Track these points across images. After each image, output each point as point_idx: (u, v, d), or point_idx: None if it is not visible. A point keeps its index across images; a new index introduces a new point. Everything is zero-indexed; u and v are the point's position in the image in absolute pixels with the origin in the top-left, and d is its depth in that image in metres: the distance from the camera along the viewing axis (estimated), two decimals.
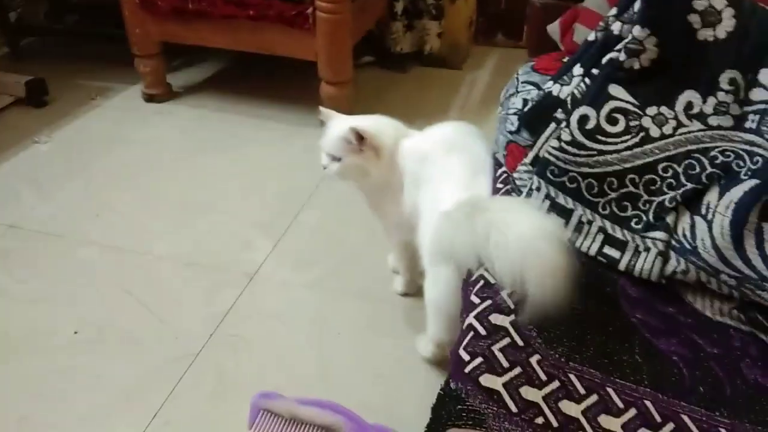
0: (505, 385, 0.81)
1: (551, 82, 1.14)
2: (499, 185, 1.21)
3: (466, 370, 0.83)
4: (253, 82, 2.75)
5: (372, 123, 1.38)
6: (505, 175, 1.21)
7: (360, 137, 1.31)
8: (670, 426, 0.80)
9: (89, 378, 1.41)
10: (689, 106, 1.04)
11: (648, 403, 0.82)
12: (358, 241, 1.83)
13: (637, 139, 1.03)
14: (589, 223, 1.05)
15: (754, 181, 0.95)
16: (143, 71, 2.57)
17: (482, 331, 0.88)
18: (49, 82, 2.58)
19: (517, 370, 0.83)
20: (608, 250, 1.03)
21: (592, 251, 1.04)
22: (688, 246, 0.98)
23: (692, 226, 0.99)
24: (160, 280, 1.69)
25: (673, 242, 1.00)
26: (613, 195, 1.05)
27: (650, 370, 0.87)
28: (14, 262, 1.75)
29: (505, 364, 0.84)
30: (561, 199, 1.07)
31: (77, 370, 1.43)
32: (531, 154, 1.11)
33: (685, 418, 0.81)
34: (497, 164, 1.27)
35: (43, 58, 2.93)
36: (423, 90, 2.79)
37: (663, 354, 0.90)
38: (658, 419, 0.81)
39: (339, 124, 1.38)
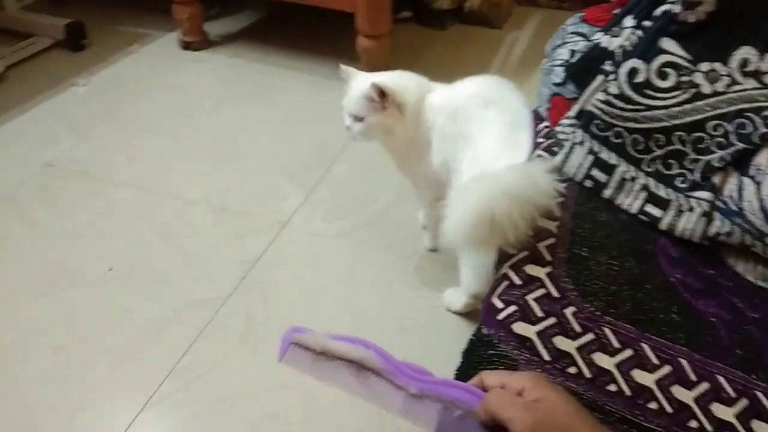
0: (538, 333, 0.80)
1: (601, 33, 1.11)
2: (540, 139, 1.18)
3: (499, 317, 0.83)
4: (289, 34, 2.72)
5: (394, 78, 1.34)
6: (547, 129, 1.18)
7: (382, 94, 1.27)
8: (705, 385, 0.79)
9: (121, 313, 1.44)
10: (744, 62, 0.99)
11: (683, 362, 0.81)
12: (389, 195, 1.82)
13: (687, 96, 1.00)
14: (632, 180, 1.03)
15: None
16: (180, 18, 2.56)
17: (517, 281, 0.87)
18: (88, 26, 2.59)
19: (552, 320, 0.82)
20: (650, 208, 1.01)
21: (634, 209, 1.02)
22: (734, 207, 0.95)
23: (740, 188, 0.96)
24: (192, 224, 1.71)
25: (719, 203, 0.97)
26: (659, 152, 1.02)
27: (687, 329, 0.86)
28: (50, 199, 1.78)
29: (539, 313, 0.83)
30: (604, 155, 1.05)
31: (110, 305, 1.46)
32: (576, 107, 1.08)
33: (721, 379, 0.80)
34: (539, 118, 1.24)
35: (83, 3, 2.93)
36: (461, 48, 2.73)
37: (701, 314, 0.89)
38: (693, 378, 0.80)
39: (360, 82, 1.33)
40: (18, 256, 1.59)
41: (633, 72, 1.02)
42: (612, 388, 0.76)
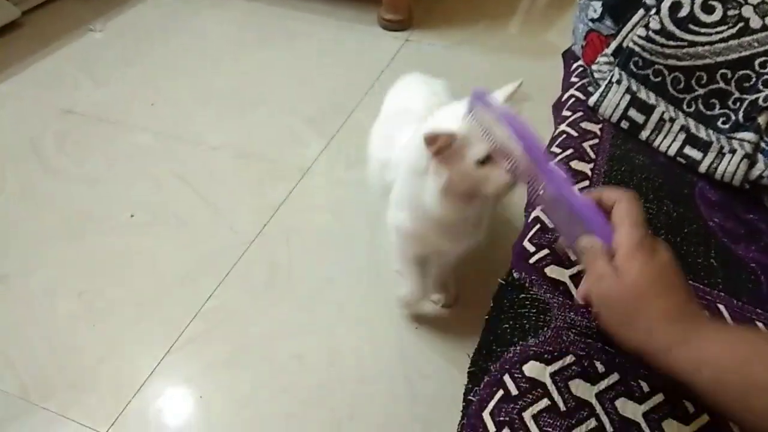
0: (572, 277, 0.78)
1: None
2: (575, 79, 1.14)
3: (531, 261, 0.80)
4: None
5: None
6: (581, 68, 1.14)
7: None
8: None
9: (145, 259, 1.45)
10: None
11: (721, 307, 0.79)
12: None
13: (734, 30, 0.95)
14: (672, 120, 0.99)
15: None
16: None
17: (550, 224, 0.85)
18: None
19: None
20: (689, 150, 0.97)
21: (672, 151, 0.98)
22: None
23: None
24: (214, 170, 1.70)
25: (763, 144, 0.93)
26: (701, 91, 0.97)
27: (726, 275, 0.83)
28: (71, 145, 1.78)
29: (573, 257, 0.80)
30: (643, 94, 1.00)
31: (133, 251, 1.47)
32: (614, 44, 1.03)
33: (760, 325, 0.78)
34: (573, 57, 1.19)
35: None
36: None
37: (741, 260, 0.86)
38: (731, 323, 0.77)
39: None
40: (41, 203, 1.59)
41: (676, 5, 0.97)
42: None
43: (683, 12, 0.97)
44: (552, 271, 0.79)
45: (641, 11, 1.00)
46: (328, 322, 1.33)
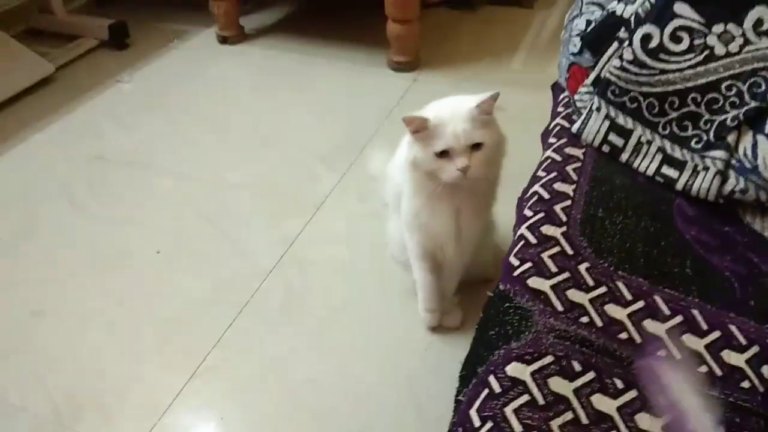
0: (552, 287, 0.85)
1: (615, 2, 1.14)
2: (560, 109, 1.22)
3: (515, 274, 0.87)
4: (321, 24, 2.80)
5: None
6: (566, 99, 1.22)
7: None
8: (716, 334, 0.82)
9: (169, 291, 1.54)
10: (759, 22, 1.01)
11: (695, 312, 0.84)
12: None
13: (700, 58, 1.02)
14: (649, 143, 1.06)
15: None
16: (217, 14, 2.66)
17: (533, 240, 0.92)
18: (130, 25, 2.72)
19: (565, 275, 0.87)
20: (666, 170, 1.04)
21: (650, 171, 1.05)
22: (748, 165, 0.98)
23: (754, 145, 0.98)
24: (233, 207, 1.80)
25: (733, 161, 1.00)
26: (674, 114, 1.04)
27: (701, 283, 0.89)
28: (100, 189, 1.90)
29: (554, 269, 0.87)
30: (621, 120, 1.08)
31: (159, 283, 1.56)
32: (593, 75, 1.12)
33: (733, 328, 0.83)
34: (559, 90, 1.27)
35: (125, 3, 3.06)
36: (491, 28, 2.76)
37: (715, 269, 0.92)
38: (705, 327, 0.83)
39: (456, 104, 1.13)
40: (73, 243, 1.70)
41: (647, 37, 1.05)
42: (623, 336, 0.80)
43: (653, 43, 1.05)
44: (533, 282, 0.86)
45: (615, 44, 1.08)
46: (340, 347, 1.40)
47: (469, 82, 2.38)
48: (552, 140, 1.14)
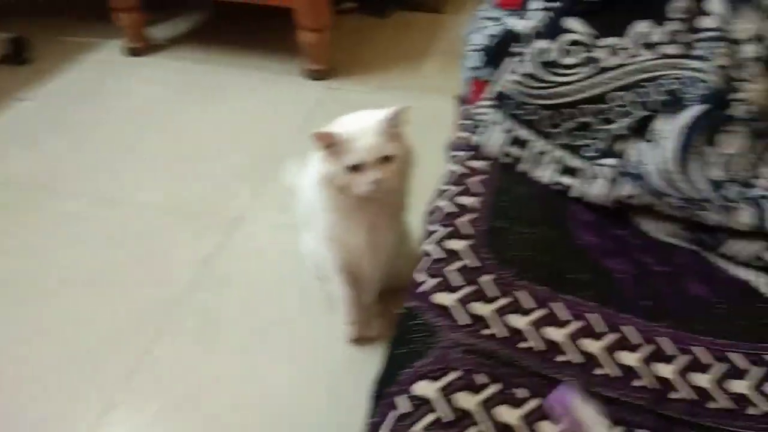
0: (456, 301, 0.87)
1: (511, 17, 1.17)
2: (463, 121, 1.25)
3: (420, 290, 0.89)
4: (233, 33, 2.75)
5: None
6: (468, 111, 1.25)
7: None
8: (613, 336, 0.87)
9: (80, 320, 1.48)
10: (642, 36, 1.07)
11: (592, 316, 0.89)
12: None
13: (590, 70, 1.07)
14: (545, 153, 1.10)
15: (699, 107, 0.99)
16: (123, 25, 2.57)
17: (438, 255, 0.94)
18: (31, 39, 2.59)
19: (469, 289, 0.89)
20: (562, 178, 1.09)
21: (548, 180, 1.09)
22: (636, 171, 1.03)
23: (641, 152, 1.04)
24: (145, 229, 1.75)
25: (624, 168, 1.05)
26: (568, 125, 1.09)
27: (597, 287, 0.93)
28: (4, 216, 1.80)
29: (458, 283, 0.90)
30: (519, 132, 1.12)
31: (69, 313, 1.50)
32: (491, 89, 1.15)
33: (626, 329, 0.88)
34: (462, 102, 1.30)
35: (24, 16, 2.91)
36: (404, 35, 2.79)
37: (610, 272, 0.96)
38: (601, 330, 0.87)
39: (363, 120, 1.16)
40: None
41: (541, 52, 1.10)
42: (524, 345, 0.84)
43: (547, 57, 1.09)
44: (438, 298, 0.88)
45: (511, 59, 1.12)
46: (262, 369, 1.38)
47: (384, 89, 2.40)
48: (455, 153, 1.17)
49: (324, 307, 1.49)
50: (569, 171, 1.08)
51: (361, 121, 1.16)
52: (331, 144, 1.12)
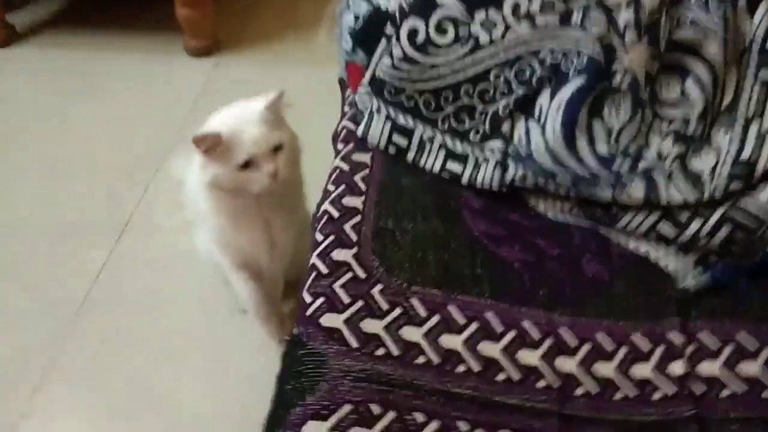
0: (345, 321, 0.81)
1: None
2: (346, 108, 1.17)
3: (308, 313, 0.83)
4: (106, 11, 2.51)
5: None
6: (350, 97, 1.17)
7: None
8: (512, 334, 0.84)
9: None
10: (516, 6, 1.00)
11: (489, 315, 0.85)
12: None
13: (467, 48, 1.01)
14: (431, 140, 1.04)
15: (580, 79, 0.95)
16: None
17: (324, 270, 0.87)
18: None
19: (359, 304, 0.83)
20: (450, 165, 1.03)
21: (436, 168, 1.04)
22: (523, 152, 0.99)
23: (527, 132, 0.99)
24: (22, 250, 1.59)
25: (510, 150, 1.00)
26: (450, 109, 1.03)
27: (492, 280, 0.89)
28: None
29: (347, 300, 0.84)
30: (401, 119, 1.05)
31: None
32: (368, 74, 1.07)
33: (526, 324, 0.85)
34: (342, 86, 1.22)
35: None
36: (294, 1, 2.64)
37: (505, 262, 0.93)
38: (499, 329, 0.84)
39: (246, 108, 1.09)
40: None
41: (413, 32, 1.02)
42: (421, 360, 0.79)
43: (420, 37, 1.01)
44: (327, 320, 0.82)
45: (384, 41, 1.04)
46: (168, 395, 1.29)
47: (275, 62, 2.27)
48: (340, 146, 1.09)
49: (232, 311, 1.40)
50: (456, 157, 1.03)
51: (239, 113, 1.08)
52: (214, 145, 1.02)
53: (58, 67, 2.29)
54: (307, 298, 0.85)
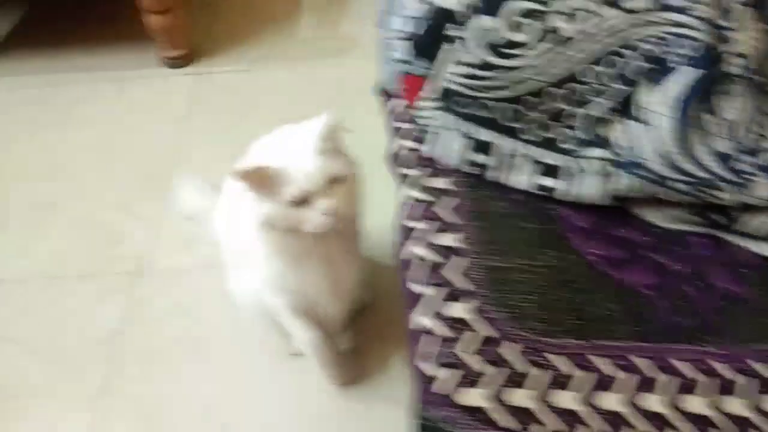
0: (488, 397, 0.68)
1: None
2: (399, 125, 1.02)
3: (434, 391, 0.69)
4: (68, 27, 2.26)
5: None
6: (404, 112, 1.02)
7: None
8: (666, 378, 0.71)
9: None
10: None
11: (639, 361, 0.73)
12: None
13: (548, 44, 0.87)
14: (516, 154, 0.90)
15: (690, 70, 0.82)
16: None
17: (441, 333, 0.74)
18: None
19: (496, 371, 0.70)
20: (543, 180, 0.89)
21: (526, 185, 0.90)
22: (628, 158, 0.86)
23: (630, 134, 0.86)
24: (23, 308, 1.40)
25: (612, 156, 0.87)
26: (535, 115, 0.89)
27: (626, 316, 0.77)
28: None
29: (479, 368, 0.70)
30: (477, 133, 0.91)
31: None
32: (433, 85, 0.92)
33: (677, 364, 0.73)
34: (388, 97, 1.07)
35: None
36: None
37: (632, 290, 0.80)
38: (652, 374, 0.72)
39: (295, 134, 0.94)
40: None
41: (484, 31, 0.87)
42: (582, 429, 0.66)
43: (492, 37, 0.87)
44: (463, 397, 0.68)
45: (447, 45, 0.89)
46: None
47: (259, 63, 2.09)
48: (407, 171, 0.94)
49: (275, 355, 1.25)
50: (548, 170, 0.89)
51: (289, 142, 0.92)
52: (262, 180, 0.88)
53: (20, 94, 2.05)
54: (427, 369, 0.71)
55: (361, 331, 1.27)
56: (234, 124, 1.81)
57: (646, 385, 0.71)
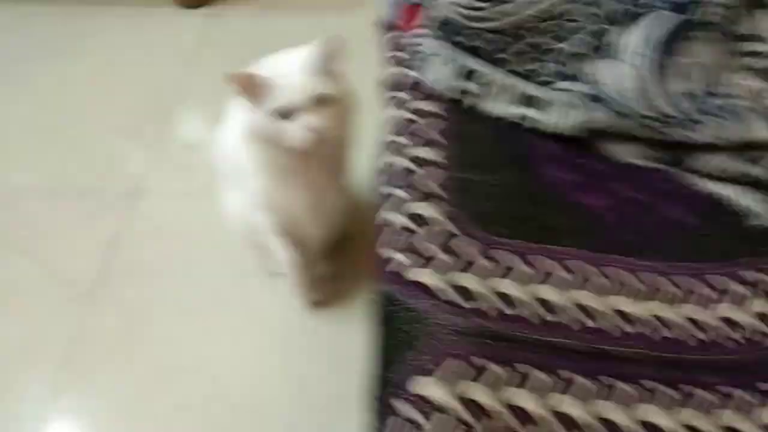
0: (434, 275, 0.79)
1: None
2: (395, 53, 1.12)
3: (390, 269, 0.81)
4: None
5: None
6: (401, 40, 1.12)
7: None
8: (601, 279, 0.81)
9: None
10: None
11: (576, 264, 0.83)
12: None
13: None
14: (501, 84, 1.01)
15: (670, 15, 0.92)
16: None
17: (402, 224, 0.85)
18: None
19: (449, 258, 0.82)
20: (518, 109, 1.01)
21: (502, 112, 1.01)
22: (606, 92, 0.96)
23: (609, 70, 0.96)
24: (29, 218, 1.53)
25: (588, 90, 0.97)
26: (518, 47, 1.00)
27: (577, 228, 0.89)
28: None
29: (431, 253, 0.81)
30: (468, 62, 1.02)
31: None
32: (429, 15, 1.02)
33: (609, 270, 0.83)
34: (387, 28, 1.16)
35: None
36: None
37: (586, 209, 0.91)
38: (587, 275, 0.82)
39: (293, 57, 0.99)
40: None
41: None
42: (519, 313, 0.77)
43: None
44: (416, 275, 0.79)
45: None
46: (200, 360, 1.27)
47: (273, 10, 2.18)
48: (396, 94, 1.06)
49: (257, 275, 1.36)
50: (525, 100, 1.00)
51: (287, 58, 1.00)
52: (251, 87, 0.94)
53: (29, 24, 2.16)
54: (387, 253, 0.82)
55: (339, 259, 1.37)
56: (241, 66, 1.89)
57: (581, 283, 0.81)
